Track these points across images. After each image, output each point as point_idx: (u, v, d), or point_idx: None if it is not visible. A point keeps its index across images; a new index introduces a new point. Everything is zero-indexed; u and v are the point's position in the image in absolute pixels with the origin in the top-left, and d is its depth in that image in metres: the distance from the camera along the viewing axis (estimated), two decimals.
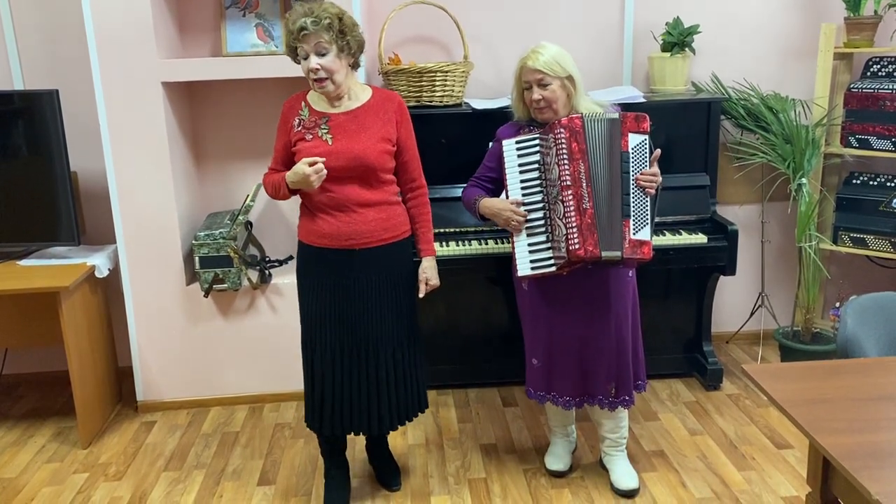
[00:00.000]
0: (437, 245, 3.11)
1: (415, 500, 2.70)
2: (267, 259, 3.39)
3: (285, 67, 2.71)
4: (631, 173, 2.42)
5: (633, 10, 3.56)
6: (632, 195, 2.42)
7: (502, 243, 3.13)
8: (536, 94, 2.47)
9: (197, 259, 3.15)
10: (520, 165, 2.52)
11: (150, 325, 3.28)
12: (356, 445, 2.97)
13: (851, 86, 3.44)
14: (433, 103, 3.23)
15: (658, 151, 2.49)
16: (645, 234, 2.43)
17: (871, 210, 3.42)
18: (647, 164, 2.45)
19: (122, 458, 3.03)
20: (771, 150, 3.42)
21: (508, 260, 3.12)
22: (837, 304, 3.64)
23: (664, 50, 3.44)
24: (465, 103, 3.34)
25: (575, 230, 2.39)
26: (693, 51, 3.44)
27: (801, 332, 3.58)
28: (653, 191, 2.45)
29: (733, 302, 3.87)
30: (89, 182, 3.46)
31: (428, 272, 2.59)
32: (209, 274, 3.16)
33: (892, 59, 3.43)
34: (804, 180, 3.38)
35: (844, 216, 3.50)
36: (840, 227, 3.52)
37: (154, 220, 3.18)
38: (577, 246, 2.38)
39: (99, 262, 3.20)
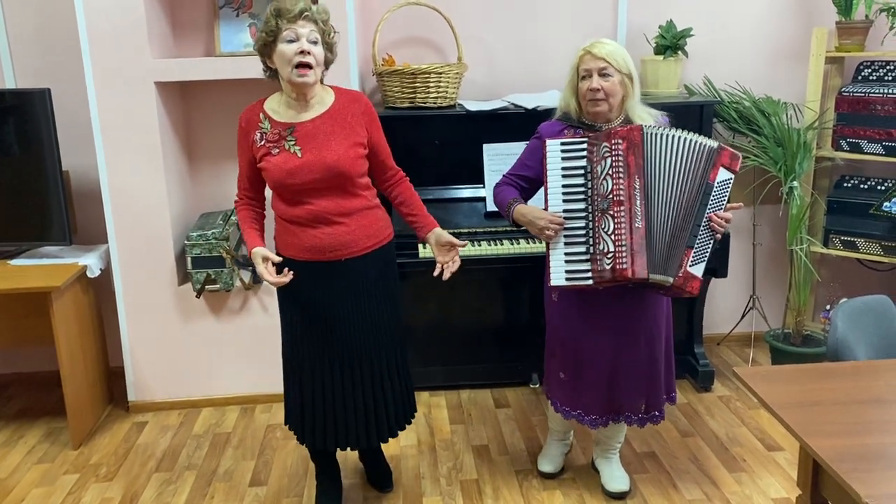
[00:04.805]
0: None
1: (406, 502, 2.70)
2: None
3: None
4: (708, 207, 2.32)
5: (626, 13, 3.57)
6: (701, 228, 2.33)
7: (495, 245, 3.13)
8: (595, 82, 2.34)
9: (189, 259, 3.14)
10: (563, 169, 2.35)
11: (142, 325, 3.27)
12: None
13: (843, 90, 3.46)
14: (427, 104, 3.24)
15: (741, 205, 2.45)
16: (699, 270, 2.33)
17: (861, 213, 3.43)
18: (724, 205, 2.36)
19: (113, 459, 3.02)
20: (762, 153, 3.44)
21: (503, 261, 3.13)
22: (828, 307, 3.65)
23: (657, 53, 3.46)
24: (459, 105, 3.35)
25: (624, 249, 2.27)
26: (686, 54, 3.46)
27: (791, 334, 3.59)
28: (719, 235, 2.36)
29: (725, 304, 3.88)
30: (81, 181, 3.45)
31: (446, 235, 2.45)
32: (201, 274, 3.15)
33: (883, 64, 3.45)
34: (795, 183, 3.39)
35: (835, 219, 3.52)
36: (831, 230, 3.53)
37: (146, 220, 3.17)
38: (625, 265, 2.27)
39: (90, 261, 3.19)
